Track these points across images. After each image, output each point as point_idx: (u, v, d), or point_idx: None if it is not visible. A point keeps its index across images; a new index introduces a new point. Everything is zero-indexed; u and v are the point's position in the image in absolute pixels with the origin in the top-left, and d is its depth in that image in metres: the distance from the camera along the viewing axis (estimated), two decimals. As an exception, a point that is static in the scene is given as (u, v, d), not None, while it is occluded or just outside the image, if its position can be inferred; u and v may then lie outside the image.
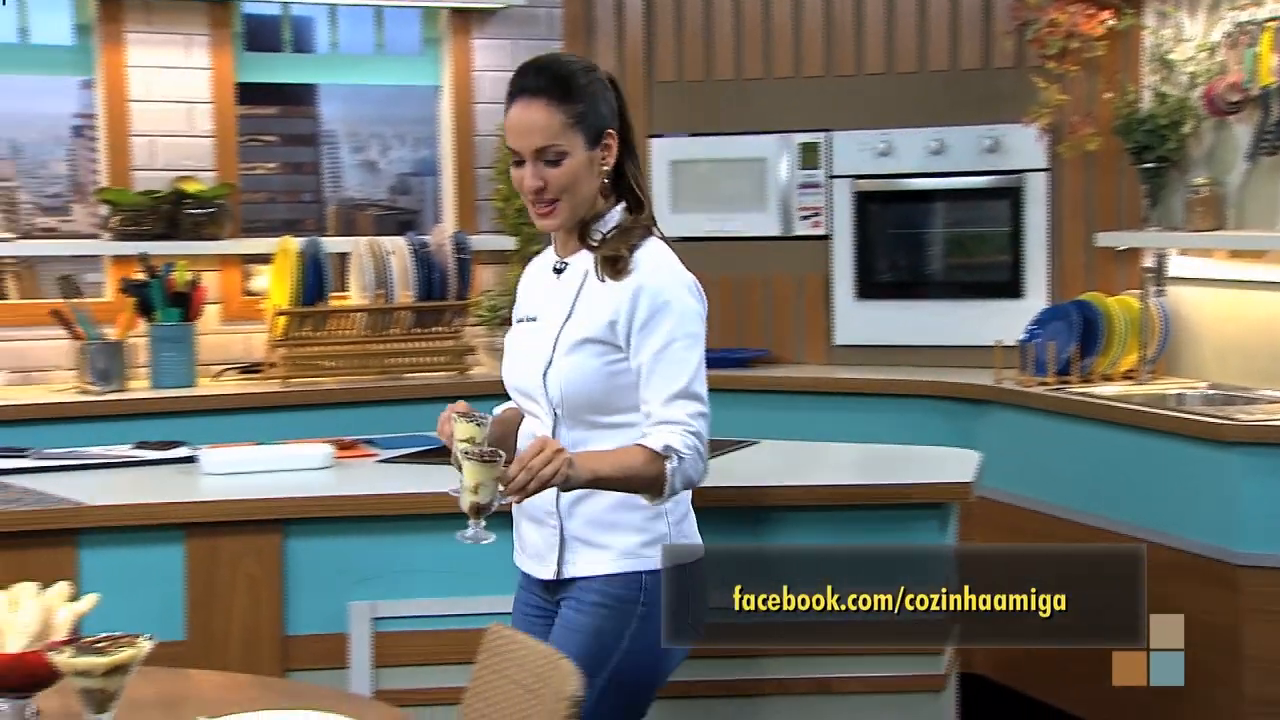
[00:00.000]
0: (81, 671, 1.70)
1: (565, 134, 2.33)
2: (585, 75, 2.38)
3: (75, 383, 4.12)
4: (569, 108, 2.33)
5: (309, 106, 5.20)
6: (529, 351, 2.42)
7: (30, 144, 4.68)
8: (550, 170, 2.33)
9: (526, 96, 2.34)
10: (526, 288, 2.56)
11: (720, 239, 4.84)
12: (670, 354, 2.31)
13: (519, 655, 2.18)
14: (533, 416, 2.43)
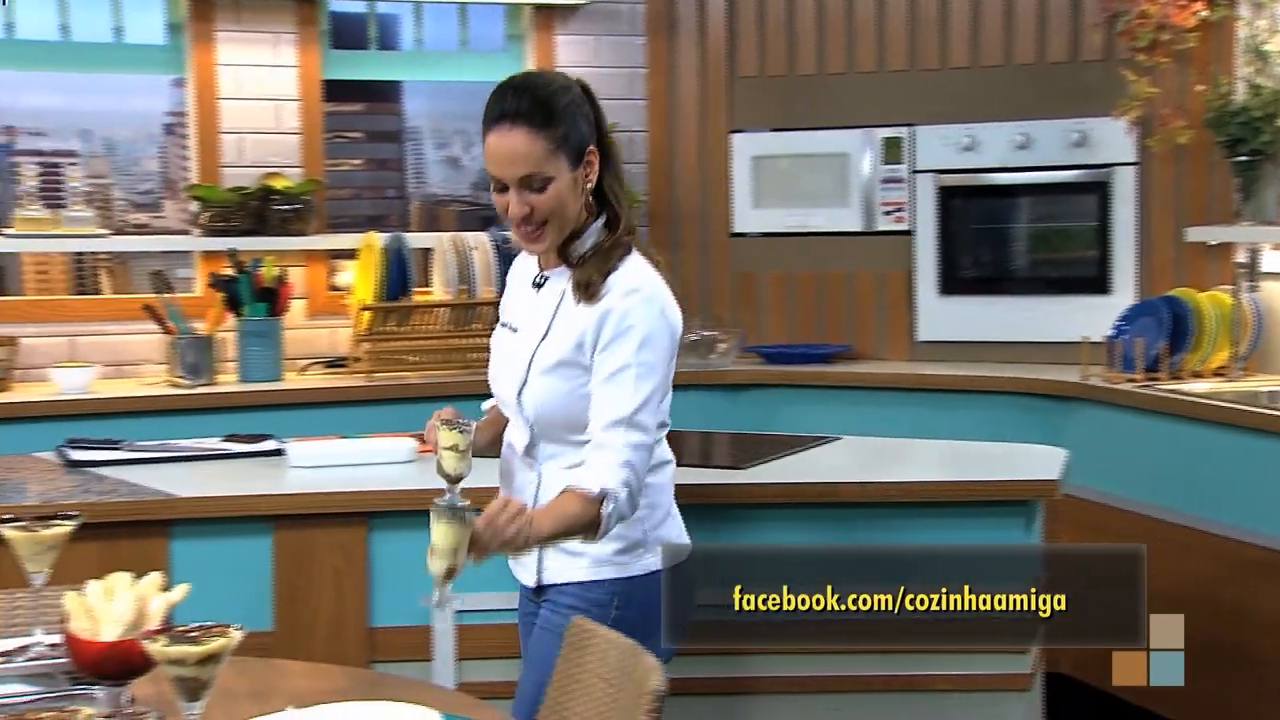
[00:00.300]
0: (175, 660, 1.72)
1: (549, 160, 2.30)
2: (564, 95, 2.34)
3: (166, 376, 4.19)
4: (551, 132, 2.30)
5: (393, 103, 5.24)
6: (507, 365, 2.44)
7: (123, 142, 4.76)
8: (536, 197, 2.31)
9: (506, 123, 2.29)
10: (512, 290, 2.54)
11: (802, 234, 4.83)
12: (621, 379, 2.29)
13: (600, 649, 2.18)
14: (512, 424, 2.46)
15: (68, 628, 1.99)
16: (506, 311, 2.52)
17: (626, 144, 4.85)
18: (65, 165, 4.58)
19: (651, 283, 2.37)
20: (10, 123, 4.60)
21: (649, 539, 2.41)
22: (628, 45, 4.87)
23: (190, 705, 1.74)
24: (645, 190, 4.89)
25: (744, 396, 4.63)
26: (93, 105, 4.63)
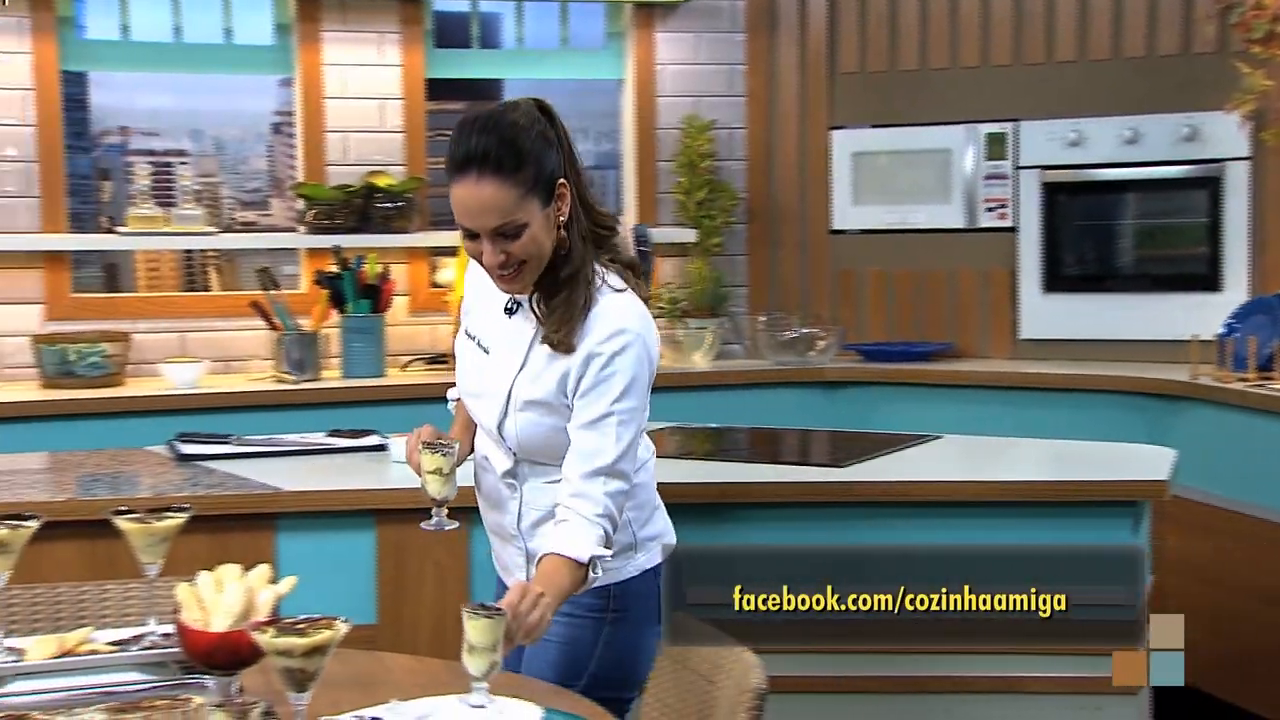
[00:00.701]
0: (282, 651, 1.75)
1: (520, 206, 2.18)
2: (529, 131, 2.19)
3: (272, 372, 4.26)
4: (520, 176, 2.17)
5: (495, 101, 5.28)
6: (484, 391, 2.36)
7: (232, 141, 4.84)
8: (510, 243, 2.21)
9: (473, 173, 2.17)
10: (477, 299, 2.42)
11: (902, 231, 4.79)
12: (603, 427, 2.24)
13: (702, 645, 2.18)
14: (490, 445, 2.39)
15: (179, 618, 2.03)
16: (472, 322, 2.42)
17: (726, 140, 4.85)
18: (176, 164, 4.68)
19: (636, 320, 2.28)
20: (125, 123, 4.71)
21: (638, 539, 2.39)
22: (728, 42, 4.86)
23: (298, 696, 1.77)
24: (744, 188, 4.88)
25: (842, 394, 4.60)
26: (203, 105, 4.72)
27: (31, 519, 2.17)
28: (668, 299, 4.65)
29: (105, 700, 1.91)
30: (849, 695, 2.97)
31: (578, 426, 2.25)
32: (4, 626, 2.21)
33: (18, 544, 2.15)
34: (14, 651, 2.14)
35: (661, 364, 4.60)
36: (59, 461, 3.35)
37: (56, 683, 2.05)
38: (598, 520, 2.21)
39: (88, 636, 2.19)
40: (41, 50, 4.14)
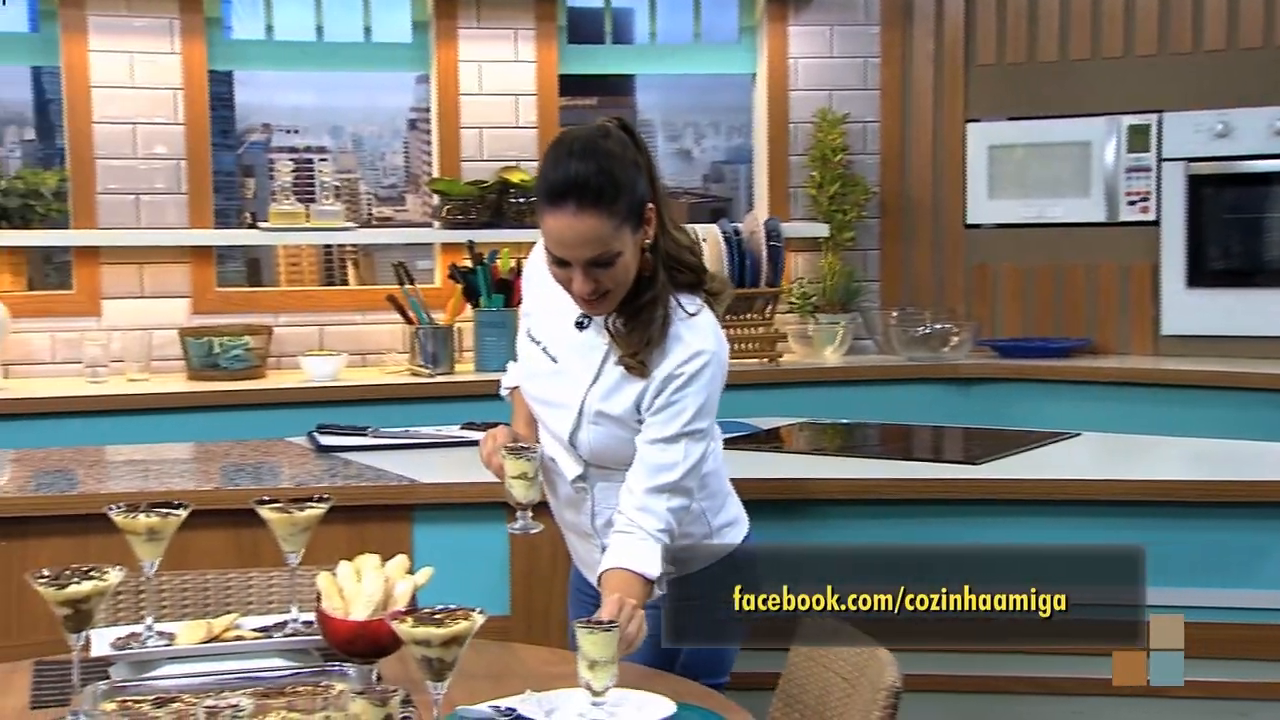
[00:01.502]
0: (421, 641, 1.78)
1: (616, 236, 2.18)
2: (623, 160, 2.19)
3: (407, 365, 4.32)
4: (617, 208, 2.17)
5: (626, 96, 5.30)
6: (553, 401, 2.36)
7: (370, 137, 4.92)
8: (603, 272, 2.20)
9: (573, 204, 2.15)
10: (538, 302, 2.41)
11: (1040, 225, 4.70)
12: (674, 445, 2.26)
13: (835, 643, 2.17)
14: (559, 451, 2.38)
15: (320, 606, 2.08)
16: (536, 326, 2.41)
17: (858, 134, 4.80)
18: (316, 161, 4.77)
19: (712, 340, 2.28)
20: (268, 120, 4.81)
21: (713, 528, 2.41)
22: (862, 35, 4.82)
23: (435, 685, 1.79)
24: (877, 182, 4.83)
25: (976, 391, 4.53)
26: (343, 102, 4.81)
27: (180, 507, 2.24)
28: (798, 294, 4.63)
29: (251, 685, 1.95)
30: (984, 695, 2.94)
31: (647, 441, 2.27)
32: (155, 612, 2.28)
33: (167, 531, 2.22)
34: (164, 636, 2.21)
35: (792, 358, 4.63)
36: (204, 451, 3.45)
37: (204, 667, 2.11)
38: (659, 535, 2.25)
39: (234, 623, 2.25)
40: (190, 51, 4.26)
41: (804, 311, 4.62)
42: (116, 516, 2.21)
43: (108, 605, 2.39)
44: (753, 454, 3.38)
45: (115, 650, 2.16)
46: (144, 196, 4.27)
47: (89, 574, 2.00)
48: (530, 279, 2.46)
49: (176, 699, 1.91)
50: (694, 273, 2.31)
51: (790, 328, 4.63)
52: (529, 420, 2.46)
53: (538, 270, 2.38)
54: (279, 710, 1.86)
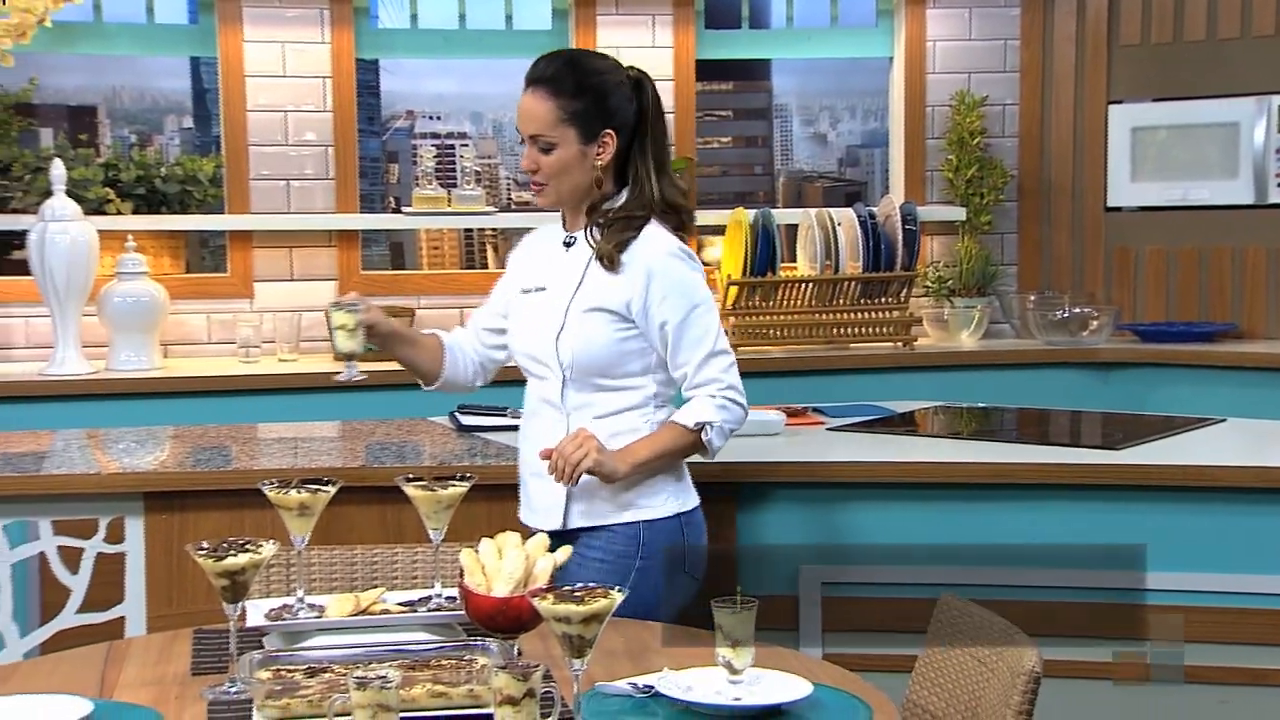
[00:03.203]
0: (561, 618, 1.79)
1: (557, 127, 2.49)
2: (600, 76, 2.53)
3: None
4: (566, 103, 2.49)
5: (763, 80, 5.26)
6: (540, 319, 2.57)
7: (509, 123, 4.95)
8: (541, 156, 2.52)
9: (532, 85, 2.52)
10: (528, 260, 2.69)
11: (1185, 208, 4.56)
12: (693, 320, 2.51)
13: (973, 627, 2.14)
14: (539, 379, 2.59)
15: (463, 582, 2.11)
16: (528, 279, 2.65)
17: (996, 117, 4.72)
18: (458, 146, 4.82)
19: (672, 238, 2.55)
20: (412, 107, 4.88)
21: (674, 486, 2.59)
22: (1001, 16, 4.72)
23: (575, 661, 1.81)
24: (1015, 165, 4.74)
25: (1116, 375, 4.43)
26: (484, 89, 4.85)
27: (329, 484, 2.29)
28: (934, 278, 4.57)
29: (397, 657, 2.00)
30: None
31: (670, 333, 2.50)
32: (305, 585, 2.33)
33: (317, 507, 2.27)
34: (314, 608, 2.26)
35: (927, 342, 4.57)
36: (350, 430, 3.52)
37: (352, 639, 2.16)
38: (721, 394, 2.52)
39: (380, 597, 2.30)
40: (339, 40, 4.33)
41: (939, 295, 4.55)
42: (269, 492, 2.27)
43: (262, 577, 2.46)
44: (887, 437, 3.35)
45: (269, 621, 2.22)
46: (294, 182, 4.36)
47: (244, 547, 2.06)
48: (514, 258, 2.76)
49: (327, 669, 1.96)
50: (678, 215, 2.58)
51: (925, 311, 4.57)
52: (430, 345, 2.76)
53: (531, 239, 2.75)
54: (424, 682, 1.89)
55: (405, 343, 2.74)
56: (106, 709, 1.94)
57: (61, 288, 3.89)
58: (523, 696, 1.69)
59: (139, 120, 4.69)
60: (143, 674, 2.12)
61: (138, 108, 4.72)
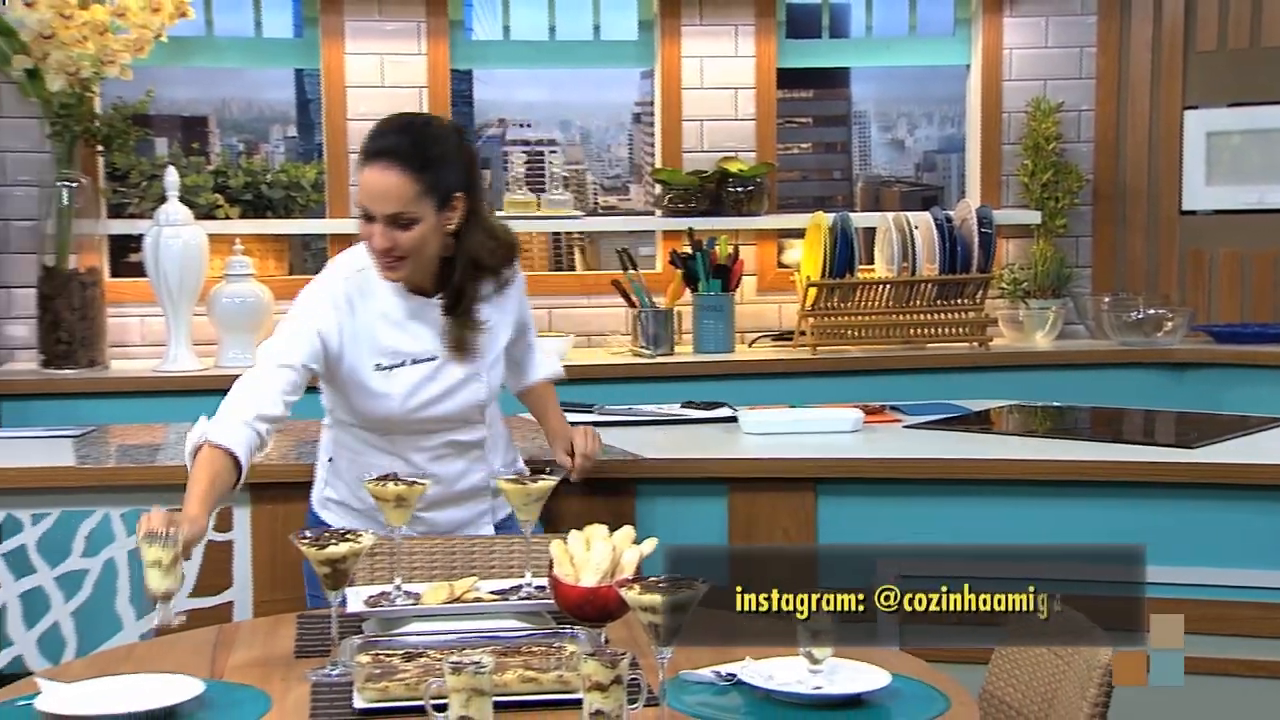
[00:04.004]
0: (647, 607, 1.80)
1: (418, 201, 2.38)
2: (441, 142, 2.42)
3: (630, 346, 4.36)
4: (423, 176, 2.38)
5: (842, 88, 5.23)
6: (453, 383, 2.54)
7: (597, 130, 4.97)
8: (400, 234, 2.39)
9: (384, 161, 2.37)
10: (375, 332, 2.51)
11: (1260, 211, 4.47)
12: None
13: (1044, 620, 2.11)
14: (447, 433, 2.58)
15: (553, 572, 2.12)
16: (395, 351, 2.51)
17: (1072, 122, 4.65)
18: (547, 153, 4.85)
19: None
20: (503, 115, 4.91)
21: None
22: (1078, 25, 4.65)
23: (661, 650, 1.81)
24: (1090, 169, 4.67)
25: (1190, 376, 4.35)
26: (572, 97, 4.86)
27: (426, 477, 2.31)
28: (1009, 280, 4.51)
29: (490, 644, 2.01)
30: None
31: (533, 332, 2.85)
32: (403, 574, 2.36)
33: (413, 499, 2.29)
34: (411, 596, 2.28)
35: (1002, 342, 4.53)
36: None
37: (447, 626, 2.18)
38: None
39: (473, 585, 2.31)
40: (435, 51, 4.37)
41: (1014, 297, 4.50)
42: (369, 485, 2.30)
43: (365, 565, 2.49)
44: (962, 435, 3.32)
45: (368, 607, 2.24)
46: (391, 188, 4.40)
47: (345, 537, 2.09)
48: (327, 322, 2.50)
49: (423, 654, 1.98)
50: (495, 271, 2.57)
51: (1001, 312, 4.52)
52: (212, 481, 2.27)
53: (344, 307, 2.51)
54: (516, 668, 1.91)
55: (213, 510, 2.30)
56: (217, 689, 1.98)
57: (174, 289, 3.97)
58: (610, 683, 1.70)
59: (247, 129, 4.77)
60: (250, 656, 2.15)
61: (246, 117, 4.79)
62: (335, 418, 2.65)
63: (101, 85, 4.06)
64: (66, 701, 1.89)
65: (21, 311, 4.17)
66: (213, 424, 2.32)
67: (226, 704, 1.93)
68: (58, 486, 2.93)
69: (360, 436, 2.60)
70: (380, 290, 2.51)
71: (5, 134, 4.15)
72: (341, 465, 2.65)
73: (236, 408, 2.35)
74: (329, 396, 2.62)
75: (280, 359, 2.44)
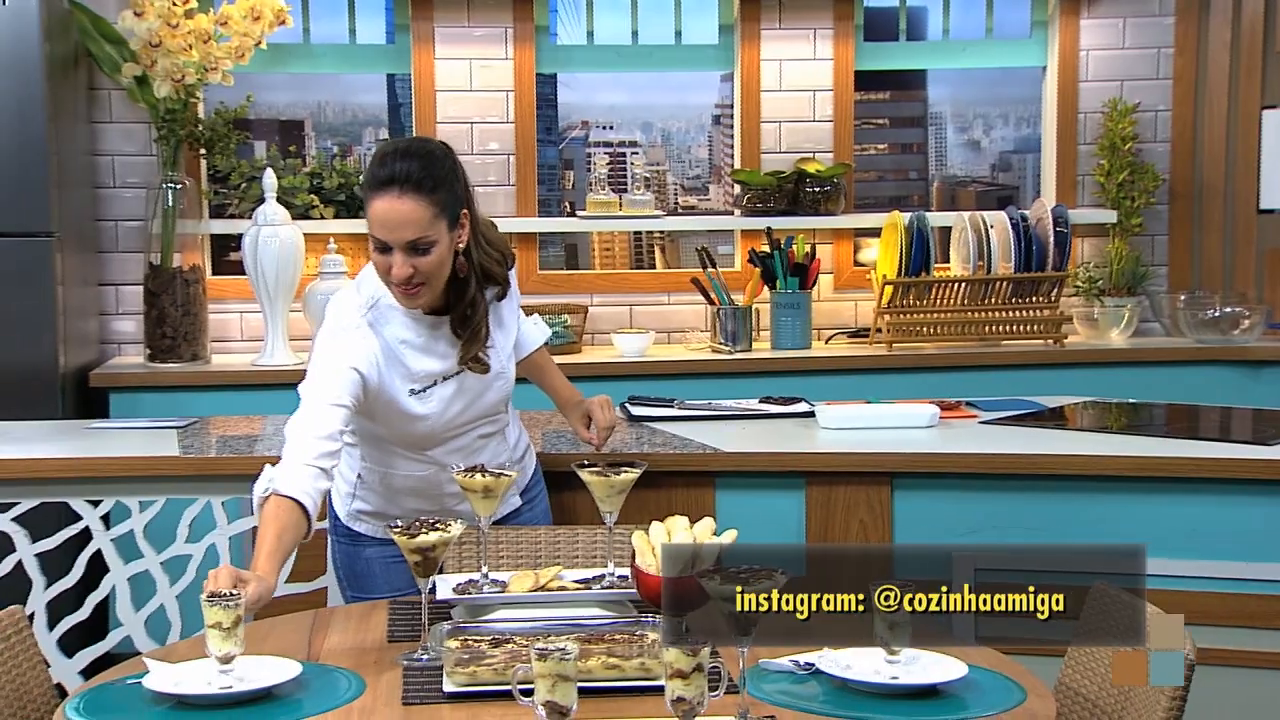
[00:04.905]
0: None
1: (433, 225, 2.32)
2: (442, 162, 2.35)
3: (709, 343, 4.36)
4: (435, 198, 2.31)
5: (918, 90, 5.18)
6: (481, 388, 2.52)
7: (677, 132, 4.97)
8: (420, 259, 2.33)
9: (395, 189, 2.29)
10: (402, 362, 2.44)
11: (1339, 210, 4.37)
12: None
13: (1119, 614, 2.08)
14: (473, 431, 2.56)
15: (635, 563, 2.12)
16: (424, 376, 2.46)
17: (1149, 122, 4.57)
18: (629, 154, 4.85)
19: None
20: (586, 118, 4.92)
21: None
22: (1155, 26, 4.57)
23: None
24: (1166, 169, 4.59)
25: (1267, 374, 4.26)
26: (654, 100, 4.86)
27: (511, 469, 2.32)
28: (1084, 278, 4.45)
29: (574, 631, 2.02)
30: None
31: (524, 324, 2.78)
32: (489, 562, 2.38)
33: (500, 490, 2.31)
34: (497, 584, 2.30)
35: (1077, 339, 4.46)
36: (528, 419, 3.53)
37: (532, 613, 2.19)
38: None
39: (557, 574, 2.32)
40: (521, 56, 4.40)
41: (1090, 295, 4.43)
42: (457, 476, 2.31)
43: (454, 554, 2.51)
44: (1036, 430, 3.27)
45: (456, 595, 2.26)
46: (478, 188, 4.39)
47: (435, 526, 2.10)
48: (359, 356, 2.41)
49: (510, 640, 1.99)
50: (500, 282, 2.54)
51: (1076, 310, 4.46)
52: (280, 534, 2.20)
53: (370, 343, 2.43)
54: (599, 655, 1.91)
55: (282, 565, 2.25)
56: (314, 670, 2.00)
57: (271, 286, 4.02)
58: (692, 670, 1.70)
59: (341, 132, 4.82)
60: (344, 640, 2.18)
61: (340, 121, 4.85)
62: (361, 436, 2.57)
63: (204, 91, 4.13)
64: (172, 681, 1.93)
65: (129, 308, 4.26)
66: (278, 472, 2.25)
67: (323, 685, 1.95)
68: (163, 475, 2.99)
69: (390, 450, 2.55)
70: (395, 318, 2.44)
71: (114, 138, 4.24)
72: (371, 479, 2.60)
73: (298, 453, 2.28)
74: (356, 422, 2.50)
75: (329, 398, 2.35)
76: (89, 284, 4.16)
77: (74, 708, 1.89)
